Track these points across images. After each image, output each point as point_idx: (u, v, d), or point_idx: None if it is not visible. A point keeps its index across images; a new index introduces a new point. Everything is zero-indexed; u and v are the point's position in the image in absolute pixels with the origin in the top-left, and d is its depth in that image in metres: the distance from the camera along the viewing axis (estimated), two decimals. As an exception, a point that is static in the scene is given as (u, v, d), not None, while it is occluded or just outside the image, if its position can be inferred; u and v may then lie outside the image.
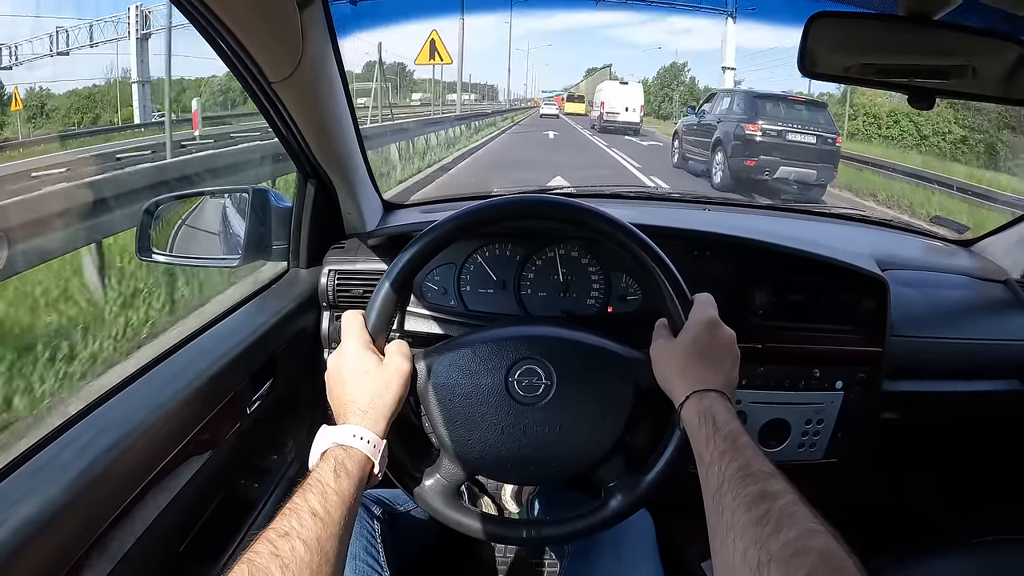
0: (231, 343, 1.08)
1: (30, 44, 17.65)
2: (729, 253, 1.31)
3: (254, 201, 1.29)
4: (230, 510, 1.12)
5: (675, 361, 0.86)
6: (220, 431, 1.03)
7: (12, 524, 0.65)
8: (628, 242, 0.91)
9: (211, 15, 0.76)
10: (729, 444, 0.74)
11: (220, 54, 0.88)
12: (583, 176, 10.23)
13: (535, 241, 1.30)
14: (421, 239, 0.90)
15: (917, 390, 1.42)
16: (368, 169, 1.40)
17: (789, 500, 0.64)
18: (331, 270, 1.33)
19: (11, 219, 3.43)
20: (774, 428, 1.30)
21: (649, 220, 1.20)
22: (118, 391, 0.90)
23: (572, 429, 0.91)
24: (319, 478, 0.73)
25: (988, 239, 1.71)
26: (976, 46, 0.90)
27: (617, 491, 0.92)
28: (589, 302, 1.30)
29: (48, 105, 16.88)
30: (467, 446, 0.90)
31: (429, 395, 0.90)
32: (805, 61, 0.92)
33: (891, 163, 12.51)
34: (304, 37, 0.91)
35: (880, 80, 0.96)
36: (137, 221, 1.30)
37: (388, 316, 0.89)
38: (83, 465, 0.74)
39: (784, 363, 1.28)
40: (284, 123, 1.09)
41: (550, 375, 0.90)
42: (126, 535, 0.80)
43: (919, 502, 1.79)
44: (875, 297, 1.30)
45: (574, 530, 0.94)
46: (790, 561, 0.57)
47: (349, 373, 0.84)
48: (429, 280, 1.32)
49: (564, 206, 0.94)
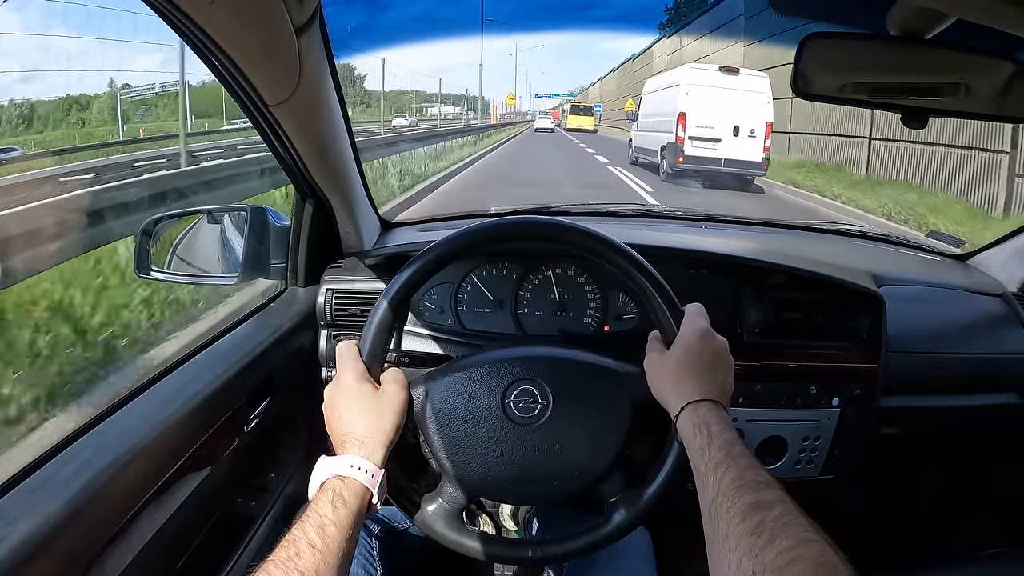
0: (229, 361, 1.09)
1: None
2: (725, 271, 1.32)
3: (252, 219, 1.29)
4: (228, 528, 1.12)
5: (668, 373, 0.87)
6: (218, 449, 1.03)
7: (11, 541, 0.65)
8: (616, 257, 0.92)
9: (208, 40, 0.77)
10: (724, 454, 0.74)
11: (218, 76, 0.89)
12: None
13: (531, 260, 1.31)
14: (416, 261, 0.90)
15: (915, 405, 1.42)
16: (365, 188, 1.41)
17: (784, 510, 0.64)
18: (329, 289, 1.33)
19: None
20: (771, 445, 1.30)
21: (644, 239, 1.21)
22: (117, 409, 0.91)
23: (571, 447, 0.91)
24: (317, 510, 0.73)
25: (983, 253, 1.71)
26: (968, 63, 0.90)
27: (619, 506, 0.92)
28: (586, 321, 1.31)
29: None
30: (468, 470, 0.91)
31: (427, 421, 0.90)
32: (799, 81, 0.93)
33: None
34: (302, 60, 0.91)
35: (874, 99, 0.96)
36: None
37: (384, 343, 0.89)
38: (82, 482, 0.74)
39: (780, 380, 1.28)
40: (282, 144, 1.10)
41: (545, 394, 0.91)
42: (124, 552, 0.80)
43: (919, 516, 1.78)
44: (871, 313, 1.31)
45: (578, 547, 0.94)
46: (785, 570, 0.57)
47: (345, 404, 0.84)
48: (426, 300, 1.32)
49: (553, 227, 0.95)
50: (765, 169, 11.71)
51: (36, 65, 14.20)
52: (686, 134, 11.58)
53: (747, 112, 11.42)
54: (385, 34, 15.73)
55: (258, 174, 7.13)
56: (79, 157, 10.62)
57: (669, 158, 11.97)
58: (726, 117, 11.51)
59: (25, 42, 13.07)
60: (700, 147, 11.53)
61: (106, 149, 12.48)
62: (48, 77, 18.19)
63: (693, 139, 11.56)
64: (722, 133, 11.50)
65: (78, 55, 16.84)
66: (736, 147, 11.48)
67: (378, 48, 21.07)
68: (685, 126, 11.58)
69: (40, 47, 13.85)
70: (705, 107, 11.54)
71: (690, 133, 11.58)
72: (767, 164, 11.70)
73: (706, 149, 11.52)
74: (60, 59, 15.64)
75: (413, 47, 50.46)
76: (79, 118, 16.45)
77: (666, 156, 12.15)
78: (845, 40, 0.95)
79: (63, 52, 14.91)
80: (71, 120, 15.98)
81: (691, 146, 11.57)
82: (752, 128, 11.47)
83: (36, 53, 13.64)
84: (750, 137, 11.51)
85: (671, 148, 11.87)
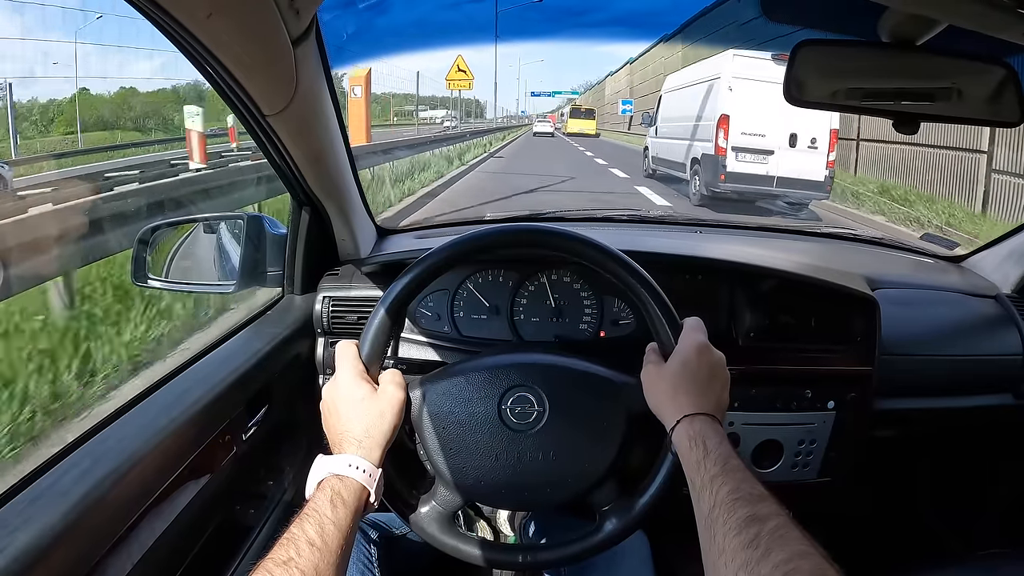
0: (227, 370, 1.09)
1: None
2: (720, 277, 1.33)
3: (249, 228, 1.30)
4: (226, 536, 1.12)
5: (665, 386, 0.87)
6: (216, 458, 1.04)
7: (11, 551, 0.65)
8: (617, 268, 0.92)
9: (205, 51, 0.77)
10: (720, 468, 0.74)
11: (215, 86, 0.89)
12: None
13: (527, 267, 1.31)
14: (414, 268, 0.91)
15: (911, 407, 1.43)
16: (362, 196, 1.41)
17: (779, 523, 0.65)
18: (325, 297, 1.33)
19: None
20: (767, 449, 1.30)
21: (640, 246, 1.21)
22: (115, 418, 0.91)
23: (565, 455, 0.91)
24: (316, 508, 0.73)
25: (978, 255, 1.72)
26: (960, 69, 0.91)
27: (611, 515, 0.93)
28: (582, 327, 1.31)
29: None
30: (462, 473, 0.91)
31: (423, 423, 0.91)
32: (792, 89, 0.94)
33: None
34: (298, 71, 0.92)
35: (866, 105, 0.97)
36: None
37: (382, 345, 0.90)
38: (81, 492, 0.75)
39: (775, 384, 1.29)
40: (278, 153, 1.10)
41: (542, 402, 0.91)
42: (123, 562, 0.81)
43: (916, 518, 1.79)
44: (865, 316, 1.31)
45: (570, 554, 0.94)
46: None
47: (344, 403, 0.85)
48: (423, 307, 1.32)
49: (554, 235, 0.95)
50: (828, 191, 9.01)
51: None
52: (728, 143, 8.79)
53: (807, 115, 8.09)
54: (380, 42, 15.72)
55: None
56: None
57: (706, 175, 9.18)
58: (781, 122, 8.59)
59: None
60: (747, 161, 8.80)
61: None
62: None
63: (738, 150, 8.79)
64: (775, 143, 8.72)
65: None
66: (792, 161, 8.69)
67: (373, 56, 21.09)
68: (728, 133, 8.82)
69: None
70: (754, 108, 8.61)
71: (734, 143, 8.78)
72: (831, 184, 8.91)
73: (754, 164, 8.80)
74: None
75: (408, 55, 50.08)
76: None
77: (701, 172, 9.38)
78: (838, 47, 0.96)
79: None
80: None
81: (735, 160, 8.79)
82: (813, 137, 8.69)
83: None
84: (810, 148, 8.73)
85: (709, 162, 9.05)
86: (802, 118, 8.42)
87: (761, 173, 8.75)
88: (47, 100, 18.26)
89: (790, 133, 8.65)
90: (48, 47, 17.22)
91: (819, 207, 9.44)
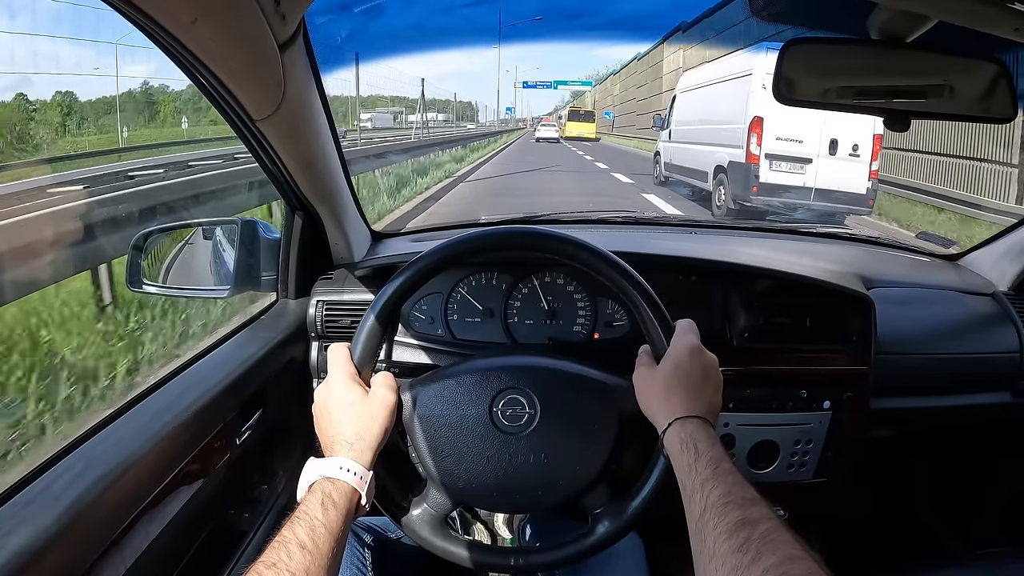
0: (221, 374, 1.09)
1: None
2: (714, 277, 1.32)
3: (243, 233, 1.30)
4: (220, 541, 1.12)
5: (657, 388, 0.87)
6: (210, 462, 1.04)
7: (4, 555, 0.65)
8: (608, 270, 0.92)
9: (192, 56, 0.77)
10: (711, 471, 0.74)
11: (204, 92, 0.90)
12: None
13: (521, 269, 1.31)
14: (405, 271, 0.91)
15: (908, 406, 1.43)
16: (355, 200, 1.41)
17: (770, 527, 0.64)
18: (319, 301, 1.34)
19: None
20: (763, 450, 1.30)
21: (633, 247, 1.21)
22: (109, 422, 0.91)
23: (557, 457, 0.91)
24: (307, 511, 0.74)
25: (974, 253, 1.72)
26: (952, 65, 0.91)
27: (603, 517, 0.93)
28: (576, 329, 1.31)
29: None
30: (453, 476, 0.91)
31: (415, 426, 0.91)
32: (781, 87, 0.94)
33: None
34: (286, 76, 0.92)
35: (858, 103, 0.97)
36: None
37: (374, 347, 0.90)
38: (74, 496, 0.75)
39: (771, 384, 1.28)
40: (270, 158, 1.10)
41: (533, 404, 0.91)
42: (117, 566, 0.81)
43: (914, 518, 1.78)
44: (861, 316, 1.31)
45: (561, 557, 0.94)
46: None
47: (335, 405, 0.85)
48: (416, 310, 1.32)
49: (546, 237, 0.95)
50: (871, 205, 7.97)
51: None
52: (762, 150, 7.73)
53: (847, 119, 7.18)
54: (374, 46, 15.77)
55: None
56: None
57: (735, 186, 8.15)
58: (819, 126, 7.62)
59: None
60: (782, 171, 7.78)
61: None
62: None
63: (773, 158, 7.74)
64: (813, 150, 7.73)
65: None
66: (831, 171, 7.70)
67: (368, 60, 20.75)
68: (761, 138, 7.73)
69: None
70: (792, 110, 5.93)
71: (768, 149, 7.73)
72: (874, 197, 7.89)
73: (791, 174, 7.76)
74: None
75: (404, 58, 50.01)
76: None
77: (728, 183, 8.32)
78: (827, 45, 0.96)
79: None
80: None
81: (769, 169, 7.76)
82: (855, 143, 7.67)
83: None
84: (851, 156, 7.71)
85: (738, 171, 8.03)
86: (842, 122, 7.46)
87: (798, 184, 7.81)
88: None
89: (830, 139, 7.70)
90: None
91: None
